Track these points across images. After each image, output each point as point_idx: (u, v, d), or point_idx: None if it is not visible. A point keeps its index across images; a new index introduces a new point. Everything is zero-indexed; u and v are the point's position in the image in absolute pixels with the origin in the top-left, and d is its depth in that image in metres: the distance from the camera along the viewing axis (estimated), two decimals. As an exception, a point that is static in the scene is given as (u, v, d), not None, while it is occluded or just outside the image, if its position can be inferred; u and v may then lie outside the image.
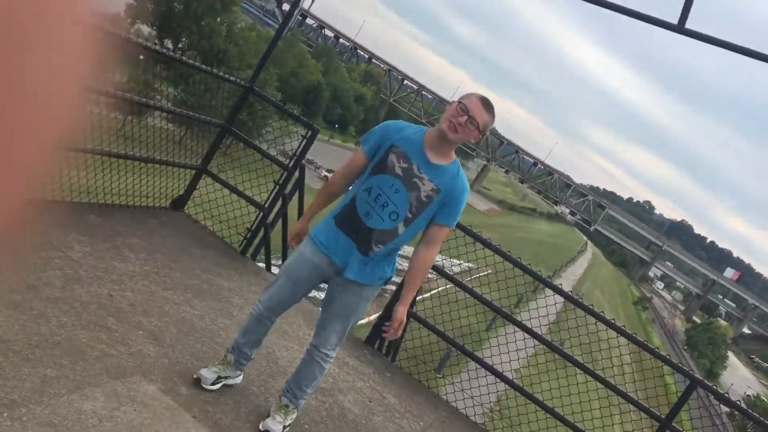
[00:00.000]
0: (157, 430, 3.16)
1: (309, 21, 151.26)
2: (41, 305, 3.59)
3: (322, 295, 3.75)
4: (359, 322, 3.77)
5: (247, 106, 6.71)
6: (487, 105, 3.39)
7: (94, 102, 4.97)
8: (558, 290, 5.56)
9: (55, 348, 3.32)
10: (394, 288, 5.87)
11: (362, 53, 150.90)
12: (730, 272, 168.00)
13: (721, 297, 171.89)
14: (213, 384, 3.70)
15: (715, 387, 5.57)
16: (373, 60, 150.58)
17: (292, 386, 3.75)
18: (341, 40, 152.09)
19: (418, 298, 6.07)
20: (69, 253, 4.32)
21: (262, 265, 6.39)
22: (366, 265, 3.47)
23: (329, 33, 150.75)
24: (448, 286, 6.19)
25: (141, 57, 5.88)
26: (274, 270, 7.09)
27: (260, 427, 3.66)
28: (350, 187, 3.61)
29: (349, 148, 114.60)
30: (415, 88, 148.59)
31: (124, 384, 3.35)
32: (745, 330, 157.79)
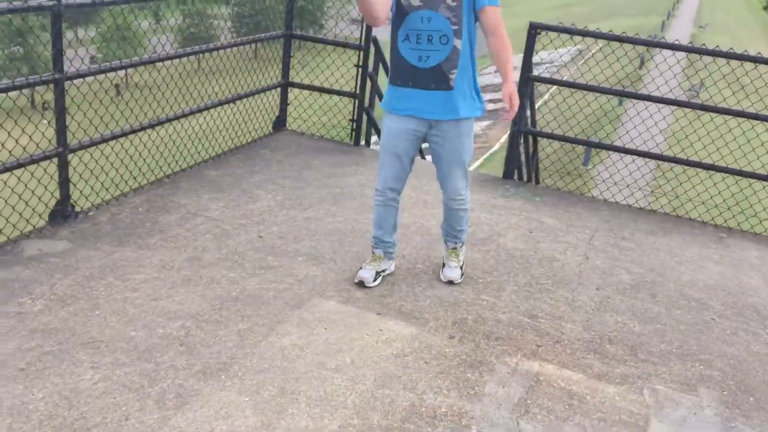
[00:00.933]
0: (352, 338, 3.39)
1: None
2: (208, 272, 3.86)
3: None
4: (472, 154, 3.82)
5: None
6: None
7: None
8: (673, 47, 5.17)
9: (236, 303, 3.59)
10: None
11: None
12: None
13: None
14: (374, 280, 3.89)
15: None
16: None
17: (449, 231, 3.99)
18: None
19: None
20: (208, 214, 4.56)
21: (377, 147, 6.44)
22: (452, 100, 3.53)
23: None
24: (555, 90, 5.96)
25: None
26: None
27: (442, 278, 3.97)
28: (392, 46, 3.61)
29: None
30: None
31: (307, 310, 3.59)
32: None
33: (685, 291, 4.26)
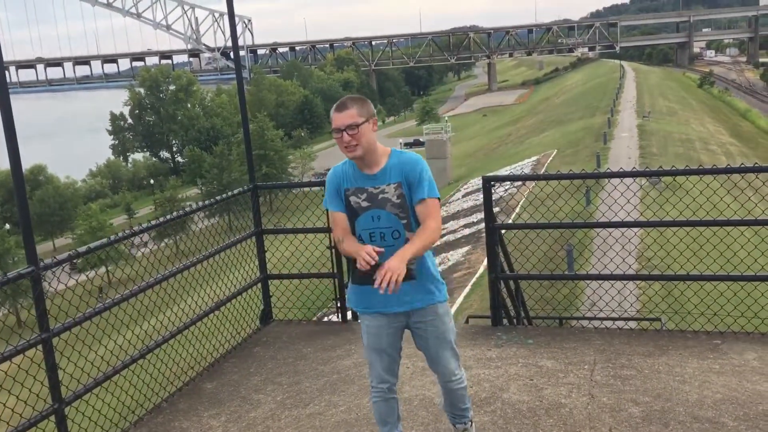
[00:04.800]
0: None
1: (260, 51, 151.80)
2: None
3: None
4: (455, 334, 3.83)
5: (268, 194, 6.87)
6: (342, 106, 3.51)
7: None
8: (619, 175, 5.44)
9: None
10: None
11: (322, 46, 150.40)
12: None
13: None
14: None
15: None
16: (334, 45, 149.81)
17: (453, 411, 3.94)
18: (297, 48, 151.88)
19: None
20: (211, 433, 4.53)
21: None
22: (421, 289, 3.59)
23: (283, 49, 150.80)
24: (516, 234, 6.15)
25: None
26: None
27: None
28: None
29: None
30: (385, 42, 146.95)
31: None
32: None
33: (696, 412, 4.25)
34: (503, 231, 6.01)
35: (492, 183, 5.76)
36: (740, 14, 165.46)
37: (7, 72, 4.08)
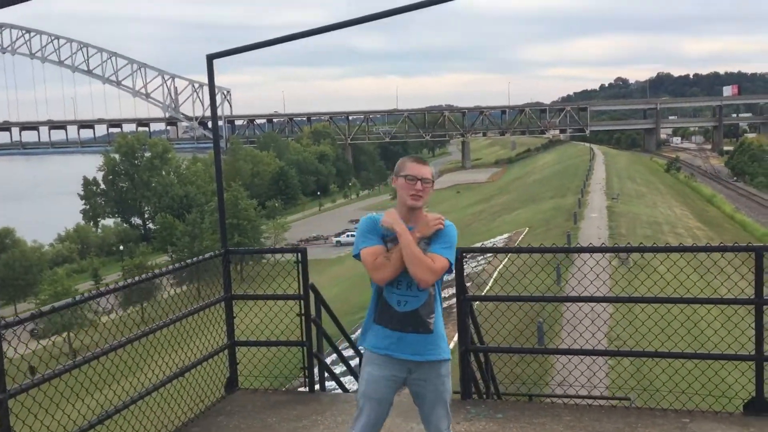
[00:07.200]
0: None
1: (238, 122, 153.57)
2: None
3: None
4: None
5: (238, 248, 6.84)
6: (421, 160, 3.90)
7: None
8: (585, 250, 5.53)
9: None
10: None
11: (299, 119, 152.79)
12: (728, 90, 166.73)
13: (735, 115, 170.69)
14: None
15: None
16: (311, 119, 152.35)
17: None
18: (275, 120, 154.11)
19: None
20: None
21: (332, 387, 6.41)
22: (431, 343, 3.72)
23: (260, 121, 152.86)
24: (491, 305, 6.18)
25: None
26: (347, 384, 7.12)
27: None
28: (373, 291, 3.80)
29: (340, 205, 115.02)
30: (362, 117, 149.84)
31: None
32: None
33: (665, 492, 4.19)
34: (474, 303, 6.02)
35: (464, 255, 5.80)
36: (705, 104, 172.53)
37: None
